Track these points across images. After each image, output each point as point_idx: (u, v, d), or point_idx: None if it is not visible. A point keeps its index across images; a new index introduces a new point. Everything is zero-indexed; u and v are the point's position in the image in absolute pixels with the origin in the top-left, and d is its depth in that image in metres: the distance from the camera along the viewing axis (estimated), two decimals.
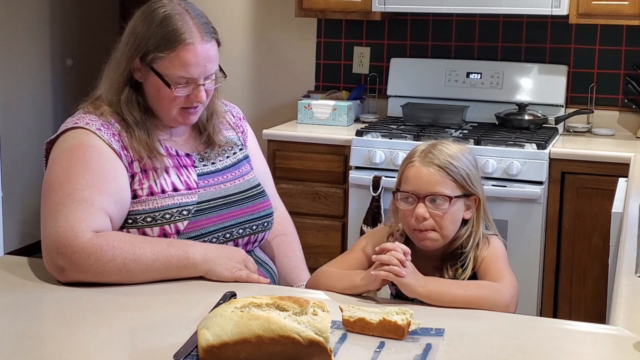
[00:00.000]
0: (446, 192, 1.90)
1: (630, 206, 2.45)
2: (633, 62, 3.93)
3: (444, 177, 1.90)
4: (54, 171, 1.89)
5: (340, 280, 1.86)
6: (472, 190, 1.94)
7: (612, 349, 1.53)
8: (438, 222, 1.89)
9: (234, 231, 2.03)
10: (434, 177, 1.90)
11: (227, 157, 2.11)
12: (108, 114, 1.96)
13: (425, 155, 1.92)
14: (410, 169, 1.93)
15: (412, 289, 1.76)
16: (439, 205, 1.89)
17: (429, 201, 1.89)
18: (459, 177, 1.91)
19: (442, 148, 1.94)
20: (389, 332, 1.55)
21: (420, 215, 1.88)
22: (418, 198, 1.90)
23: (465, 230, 1.94)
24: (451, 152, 1.94)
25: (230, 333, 1.39)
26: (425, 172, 1.90)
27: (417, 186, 1.90)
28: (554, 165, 3.51)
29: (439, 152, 1.92)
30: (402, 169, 1.96)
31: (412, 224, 1.91)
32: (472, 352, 1.52)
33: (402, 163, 1.98)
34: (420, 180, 1.90)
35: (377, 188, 3.57)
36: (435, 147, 1.94)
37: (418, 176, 1.91)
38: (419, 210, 1.89)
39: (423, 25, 4.21)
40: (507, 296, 1.81)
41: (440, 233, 1.90)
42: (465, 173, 1.93)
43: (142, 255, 1.82)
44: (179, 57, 1.92)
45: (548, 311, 3.55)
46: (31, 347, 1.51)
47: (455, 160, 1.92)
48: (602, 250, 3.42)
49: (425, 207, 1.89)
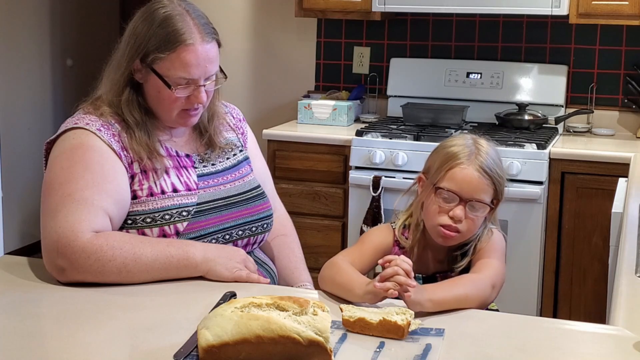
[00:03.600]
0: (487, 199, 1.92)
1: (630, 206, 2.45)
2: (633, 62, 3.93)
3: (489, 184, 1.92)
4: (54, 171, 1.89)
5: (343, 277, 1.82)
6: (500, 195, 1.96)
7: (612, 349, 1.53)
8: (469, 225, 1.91)
9: (234, 232, 2.03)
10: (482, 184, 1.91)
11: (227, 159, 2.11)
12: (108, 115, 1.96)
13: (475, 158, 1.92)
14: (460, 171, 1.91)
15: (420, 305, 1.69)
16: (477, 210, 1.91)
17: (469, 205, 1.90)
18: (497, 184, 1.94)
19: (488, 150, 1.95)
20: (389, 332, 1.55)
21: (458, 217, 1.89)
22: (460, 200, 1.90)
23: (480, 228, 1.97)
24: (494, 157, 1.95)
25: (230, 333, 1.39)
26: (476, 178, 1.91)
27: (463, 189, 1.90)
28: (554, 165, 3.51)
29: (486, 156, 1.93)
30: (448, 166, 1.93)
31: (441, 220, 1.91)
32: (472, 352, 1.52)
33: (444, 159, 1.94)
34: (469, 185, 1.90)
35: (377, 188, 3.56)
36: (481, 149, 1.94)
37: (468, 180, 1.91)
38: (458, 212, 1.90)
39: (423, 25, 4.21)
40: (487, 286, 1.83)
41: (464, 235, 1.92)
42: (503, 179, 1.95)
43: (142, 255, 1.82)
44: (180, 57, 1.92)
45: (548, 311, 3.55)
46: (31, 347, 1.51)
47: (497, 167, 1.94)
48: (602, 250, 3.42)
49: (465, 210, 1.90)
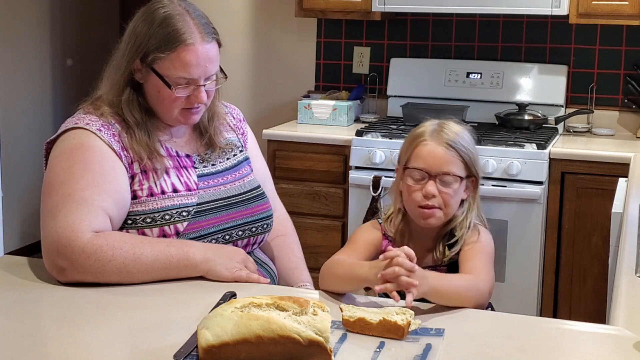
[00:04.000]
0: (457, 171, 1.94)
1: (630, 206, 2.45)
2: (633, 62, 3.93)
3: (455, 157, 1.94)
4: (54, 171, 1.89)
5: (344, 266, 1.82)
6: (475, 171, 1.98)
7: (612, 349, 1.53)
8: (445, 200, 1.92)
9: (234, 233, 2.03)
10: (447, 156, 1.93)
11: (227, 159, 2.11)
12: (108, 115, 1.96)
13: (438, 134, 1.95)
14: (423, 147, 1.95)
15: (423, 293, 1.68)
16: (449, 183, 1.93)
17: (439, 180, 1.92)
18: (466, 157, 1.96)
19: (451, 127, 1.98)
20: (389, 332, 1.55)
21: (430, 192, 1.91)
22: (430, 176, 1.92)
23: (462, 211, 1.98)
24: (459, 132, 1.98)
25: (230, 333, 1.39)
26: (439, 151, 1.93)
27: (430, 164, 1.93)
28: (554, 165, 3.50)
29: (449, 131, 1.96)
30: (413, 146, 1.97)
31: (418, 200, 1.93)
32: (472, 352, 1.52)
33: (410, 141, 1.99)
34: (434, 159, 1.93)
35: (377, 188, 3.56)
36: (444, 127, 1.97)
37: (432, 154, 1.93)
38: (429, 187, 1.92)
39: (423, 25, 4.21)
40: (486, 289, 1.82)
41: (445, 211, 1.94)
42: (472, 153, 1.98)
43: (142, 255, 1.82)
44: (179, 57, 1.92)
45: (548, 311, 3.55)
46: (31, 347, 1.51)
47: (462, 140, 1.96)
48: (602, 250, 3.42)
49: (435, 184, 1.92)
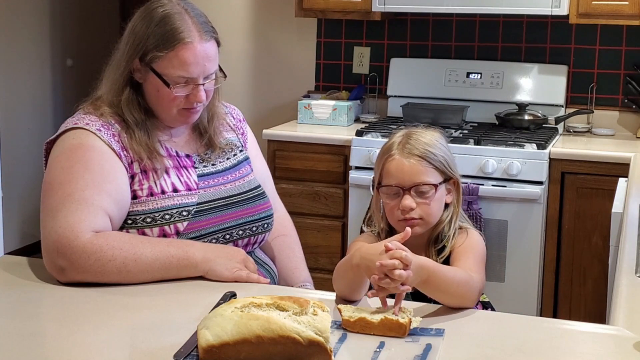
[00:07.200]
0: (430, 180, 1.91)
1: (630, 206, 2.45)
2: (633, 62, 3.93)
3: (425, 166, 1.92)
4: (54, 171, 1.89)
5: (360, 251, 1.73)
6: (452, 174, 1.96)
7: (612, 349, 1.53)
8: (425, 210, 1.91)
9: (234, 232, 2.02)
10: (416, 167, 1.91)
11: (227, 159, 2.11)
12: (108, 115, 1.96)
13: (404, 147, 1.93)
14: (391, 163, 1.93)
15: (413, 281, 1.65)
16: (424, 193, 1.91)
17: (414, 192, 1.90)
18: (439, 163, 1.93)
19: (418, 137, 1.95)
20: (391, 330, 1.55)
21: (407, 206, 1.89)
22: (403, 190, 1.91)
23: (447, 213, 1.97)
24: (427, 139, 1.95)
25: (230, 333, 1.39)
26: (407, 164, 1.91)
27: (400, 179, 1.91)
28: (554, 165, 3.50)
29: (416, 142, 1.93)
30: (382, 163, 1.96)
31: (398, 215, 1.91)
32: (472, 352, 1.52)
33: (380, 157, 1.98)
34: (403, 173, 1.91)
35: None
36: (411, 137, 1.95)
37: (400, 169, 1.91)
38: (405, 202, 1.89)
39: (423, 25, 4.21)
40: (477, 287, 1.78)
41: (427, 220, 1.92)
42: (444, 158, 1.95)
43: (142, 255, 1.82)
44: (178, 56, 1.92)
45: (548, 311, 3.54)
46: (31, 347, 1.51)
47: (432, 147, 1.94)
48: (602, 250, 3.42)
49: (411, 197, 1.90)
